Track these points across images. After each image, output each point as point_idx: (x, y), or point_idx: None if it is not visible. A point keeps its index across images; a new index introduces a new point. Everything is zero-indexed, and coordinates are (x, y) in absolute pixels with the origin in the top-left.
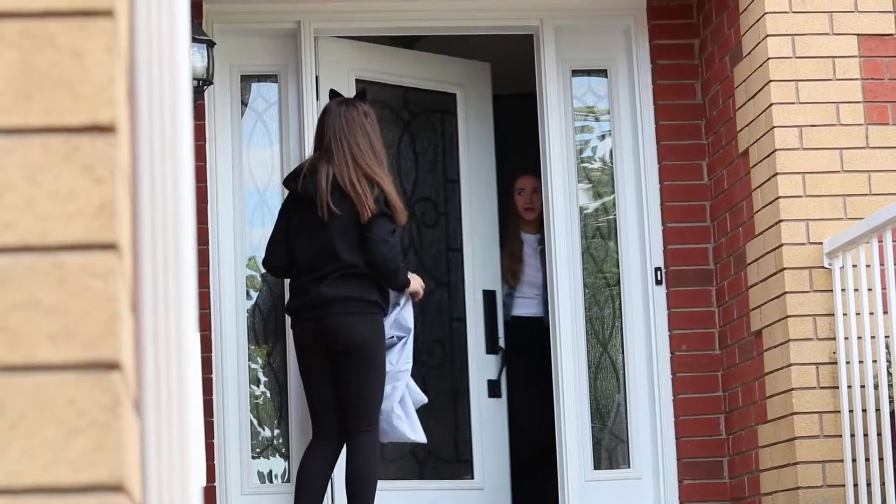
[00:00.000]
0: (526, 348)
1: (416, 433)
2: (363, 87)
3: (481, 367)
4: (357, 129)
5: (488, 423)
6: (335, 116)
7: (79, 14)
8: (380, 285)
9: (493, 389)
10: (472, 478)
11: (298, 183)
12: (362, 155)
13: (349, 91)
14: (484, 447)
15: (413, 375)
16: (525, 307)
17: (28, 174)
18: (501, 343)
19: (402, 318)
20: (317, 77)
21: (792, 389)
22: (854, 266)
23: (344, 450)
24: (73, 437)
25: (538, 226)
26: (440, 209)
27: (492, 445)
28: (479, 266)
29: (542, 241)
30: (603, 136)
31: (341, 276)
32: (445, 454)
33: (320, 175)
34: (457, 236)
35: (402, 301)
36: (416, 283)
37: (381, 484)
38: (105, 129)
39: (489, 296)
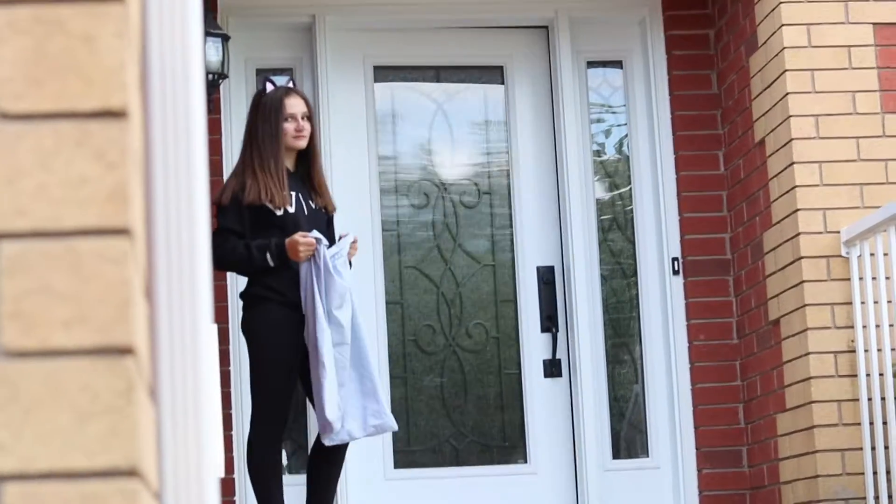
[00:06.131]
0: None
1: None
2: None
3: (534, 346)
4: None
5: (544, 403)
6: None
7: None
8: (255, 276)
9: (550, 369)
10: (525, 462)
11: None
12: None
13: (366, 80)
14: (537, 430)
15: (435, 362)
16: None
17: (40, 160)
18: (560, 321)
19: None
20: (331, 69)
21: (810, 378)
22: (871, 254)
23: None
24: (88, 423)
25: None
26: (481, 188)
27: (548, 427)
28: (534, 242)
29: None
30: (618, 128)
31: None
32: (492, 439)
33: None
34: (506, 214)
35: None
36: (292, 247)
37: (412, 472)
38: (116, 115)
39: (544, 272)
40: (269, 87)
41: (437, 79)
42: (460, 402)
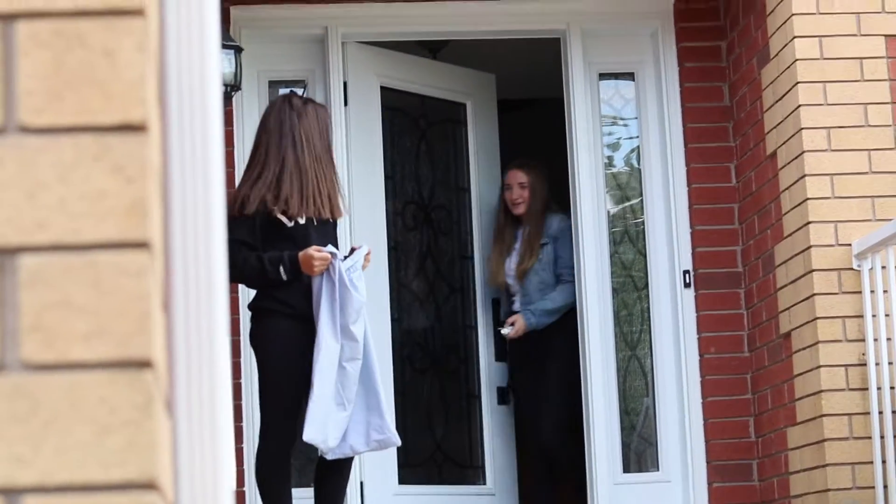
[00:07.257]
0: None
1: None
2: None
3: (491, 374)
4: None
5: (498, 429)
6: None
7: (109, 13)
8: (263, 288)
9: (503, 397)
10: (485, 483)
11: None
12: None
13: (376, 97)
14: (495, 453)
15: (424, 381)
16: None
17: (60, 174)
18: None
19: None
20: (345, 83)
21: (821, 391)
22: (883, 267)
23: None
24: (106, 436)
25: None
26: (453, 217)
27: (502, 451)
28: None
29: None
30: (630, 140)
31: None
32: (460, 459)
33: None
34: (468, 244)
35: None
36: (306, 262)
37: (403, 489)
38: (136, 129)
39: (497, 304)
40: (300, 95)
41: (423, 102)
42: (440, 421)
